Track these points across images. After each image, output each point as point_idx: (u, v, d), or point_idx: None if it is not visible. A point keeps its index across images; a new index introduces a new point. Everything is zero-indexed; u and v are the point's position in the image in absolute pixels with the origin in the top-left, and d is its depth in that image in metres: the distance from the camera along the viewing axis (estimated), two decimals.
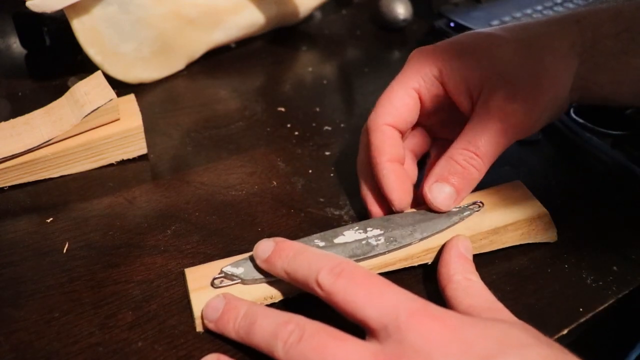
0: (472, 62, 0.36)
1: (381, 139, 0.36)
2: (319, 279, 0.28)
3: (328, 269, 0.28)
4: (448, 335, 0.26)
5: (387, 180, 0.36)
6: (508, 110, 0.35)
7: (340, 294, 0.27)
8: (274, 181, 0.42)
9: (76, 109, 0.41)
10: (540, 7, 0.66)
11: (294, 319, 0.28)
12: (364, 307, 0.27)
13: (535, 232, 0.36)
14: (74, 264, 0.35)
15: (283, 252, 0.30)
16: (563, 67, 0.37)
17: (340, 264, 0.28)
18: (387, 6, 0.63)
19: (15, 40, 0.58)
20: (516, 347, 0.25)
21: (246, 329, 0.29)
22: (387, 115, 0.37)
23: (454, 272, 0.32)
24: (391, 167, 0.36)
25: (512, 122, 0.35)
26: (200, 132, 0.47)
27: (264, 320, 0.28)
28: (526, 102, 0.35)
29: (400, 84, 0.37)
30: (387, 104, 0.37)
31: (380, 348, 0.26)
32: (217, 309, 0.30)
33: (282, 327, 0.27)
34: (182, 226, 0.38)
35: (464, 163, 0.35)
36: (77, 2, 0.46)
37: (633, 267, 0.35)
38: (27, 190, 0.41)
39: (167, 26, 0.52)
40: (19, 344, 0.30)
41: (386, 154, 0.36)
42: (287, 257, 0.30)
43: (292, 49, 0.61)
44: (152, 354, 0.30)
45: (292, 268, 0.30)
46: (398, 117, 0.37)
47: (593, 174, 0.43)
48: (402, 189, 0.36)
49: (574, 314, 0.33)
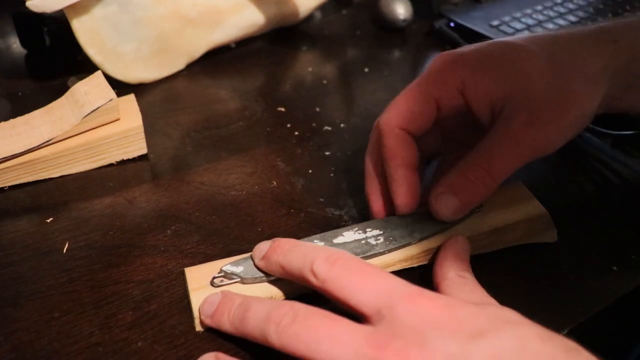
0: (498, 77, 0.35)
1: (395, 142, 0.36)
2: (314, 267, 0.28)
3: (323, 258, 0.28)
4: (440, 313, 0.26)
5: (397, 185, 0.35)
6: (529, 135, 0.34)
7: (335, 281, 0.28)
8: (274, 181, 0.42)
9: (76, 109, 0.41)
10: (540, 7, 0.66)
11: (288, 303, 0.28)
12: (357, 293, 0.27)
13: (535, 232, 0.36)
14: (74, 264, 0.35)
15: (278, 248, 0.31)
16: (592, 90, 0.36)
17: (335, 253, 0.29)
18: (387, 6, 0.63)
19: (15, 40, 0.58)
20: (509, 323, 0.26)
21: (240, 317, 0.29)
22: (403, 119, 0.36)
23: (447, 269, 0.32)
24: (403, 173, 0.35)
25: (532, 146, 0.34)
26: (200, 132, 0.47)
27: (257, 306, 0.29)
28: (548, 127, 0.34)
29: (420, 90, 0.37)
30: (403, 108, 0.36)
31: (374, 329, 0.26)
32: (213, 304, 0.30)
33: (275, 311, 0.27)
34: (182, 226, 0.38)
35: (475, 180, 0.34)
36: (77, 2, 0.46)
37: (633, 267, 0.35)
38: (27, 190, 0.41)
39: (167, 26, 0.52)
40: (19, 344, 0.30)
41: (399, 158, 0.36)
42: (282, 251, 0.30)
43: (292, 49, 0.61)
44: (152, 354, 0.30)
45: (287, 261, 0.30)
46: (414, 123, 0.36)
47: (593, 174, 0.43)
48: (410, 196, 0.35)
49: (574, 314, 0.33)
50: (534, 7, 0.66)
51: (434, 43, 0.63)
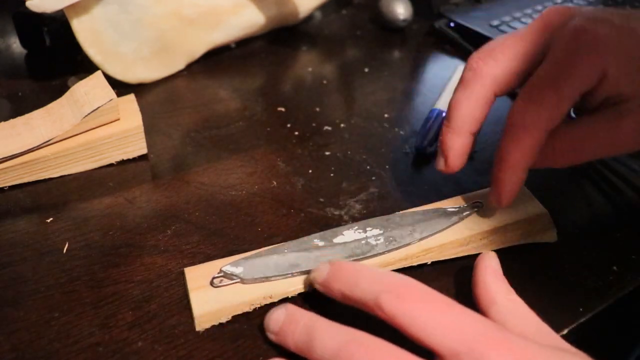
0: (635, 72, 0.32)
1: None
2: (381, 302, 0.27)
3: (390, 292, 0.27)
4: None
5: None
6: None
7: (406, 318, 0.26)
8: (274, 181, 0.42)
9: (76, 109, 0.41)
10: (541, 7, 0.66)
11: (357, 338, 0.27)
12: (431, 332, 0.26)
13: (535, 232, 0.36)
14: (74, 264, 0.35)
15: (339, 274, 0.29)
16: None
17: (403, 285, 0.27)
18: (387, 6, 0.63)
19: (15, 40, 0.58)
20: None
21: (306, 344, 0.28)
22: (505, 80, 0.34)
23: (495, 294, 0.30)
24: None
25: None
26: (200, 132, 0.47)
27: (324, 335, 0.27)
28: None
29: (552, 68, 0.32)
30: (513, 68, 0.34)
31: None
32: (278, 321, 0.29)
33: (344, 348, 0.26)
34: (182, 226, 0.38)
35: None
36: (77, 2, 0.46)
37: (633, 267, 0.35)
38: (27, 190, 0.41)
39: (167, 26, 0.52)
40: (19, 344, 0.30)
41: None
42: (344, 278, 0.29)
43: (292, 49, 0.61)
44: (152, 354, 0.30)
45: (349, 289, 0.28)
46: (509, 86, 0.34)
47: (593, 174, 0.43)
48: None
49: (574, 314, 0.33)
50: (534, 7, 0.66)
51: (434, 43, 0.63)
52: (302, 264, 0.33)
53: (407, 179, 0.43)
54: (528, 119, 0.32)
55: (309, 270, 0.32)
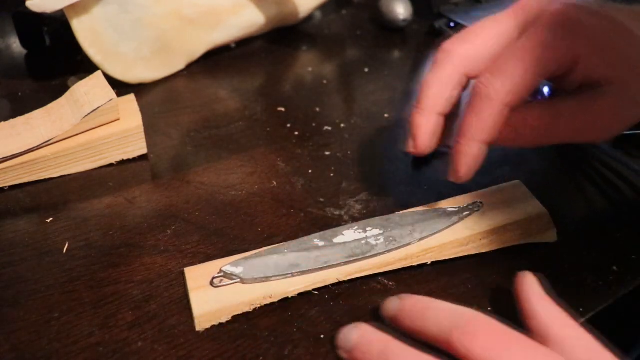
0: (610, 57, 0.32)
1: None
2: (454, 340, 0.26)
3: (461, 328, 0.26)
4: None
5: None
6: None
7: (481, 356, 0.26)
8: (274, 181, 0.42)
9: (76, 109, 0.41)
10: None
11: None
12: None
13: (535, 232, 0.36)
14: (74, 264, 0.35)
15: (409, 310, 0.29)
16: None
17: (473, 322, 0.27)
18: (387, 6, 0.63)
19: (15, 40, 0.58)
20: None
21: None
22: (475, 59, 0.34)
23: (550, 325, 0.28)
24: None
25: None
26: (200, 132, 0.47)
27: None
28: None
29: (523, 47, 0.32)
30: (486, 53, 0.34)
31: None
32: (350, 341, 0.29)
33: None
34: (182, 226, 0.38)
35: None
36: (77, 2, 0.46)
37: (633, 267, 0.35)
38: (27, 190, 0.41)
39: (167, 26, 0.52)
40: (19, 344, 0.30)
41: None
42: (414, 315, 0.29)
43: (292, 49, 0.61)
44: (152, 354, 0.30)
45: (419, 327, 0.28)
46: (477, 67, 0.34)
47: (593, 174, 0.43)
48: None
49: (573, 314, 0.33)
50: None
51: (434, 43, 0.63)
52: (302, 264, 0.33)
53: (407, 179, 0.43)
54: (491, 89, 0.31)
55: (308, 270, 0.32)
